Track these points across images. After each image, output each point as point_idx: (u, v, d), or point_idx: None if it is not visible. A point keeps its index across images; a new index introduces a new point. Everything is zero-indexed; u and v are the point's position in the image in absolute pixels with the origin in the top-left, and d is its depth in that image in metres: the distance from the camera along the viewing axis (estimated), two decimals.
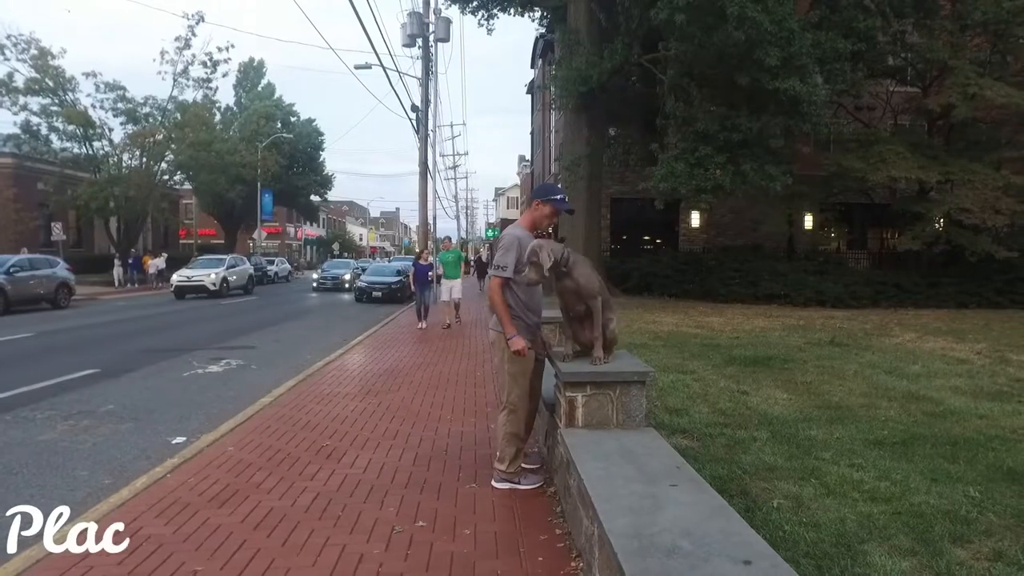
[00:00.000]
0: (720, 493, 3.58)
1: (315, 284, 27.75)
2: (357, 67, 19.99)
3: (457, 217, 60.15)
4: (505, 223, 50.10)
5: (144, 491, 4.09)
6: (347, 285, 26.84)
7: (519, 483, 3.94)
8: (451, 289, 12.88)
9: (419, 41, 20.10)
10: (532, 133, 41.93)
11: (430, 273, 13.18)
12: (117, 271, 28.18)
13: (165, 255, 30.61)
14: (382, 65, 17.76)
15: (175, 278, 23.11)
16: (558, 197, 3.97)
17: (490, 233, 64.40)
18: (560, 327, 4.28)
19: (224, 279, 23.26)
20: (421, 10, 20.07)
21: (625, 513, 2.32)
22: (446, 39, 20.89)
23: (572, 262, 3.66)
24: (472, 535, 3.33)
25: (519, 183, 65.22)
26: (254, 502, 3.88)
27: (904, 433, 4.78)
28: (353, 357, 9.49)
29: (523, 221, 4.07)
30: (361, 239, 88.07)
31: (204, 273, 22.93)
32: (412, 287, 13.30)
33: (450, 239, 15.48)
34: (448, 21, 20.85)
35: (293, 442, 5.14)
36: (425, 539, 3.30)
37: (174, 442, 5.45)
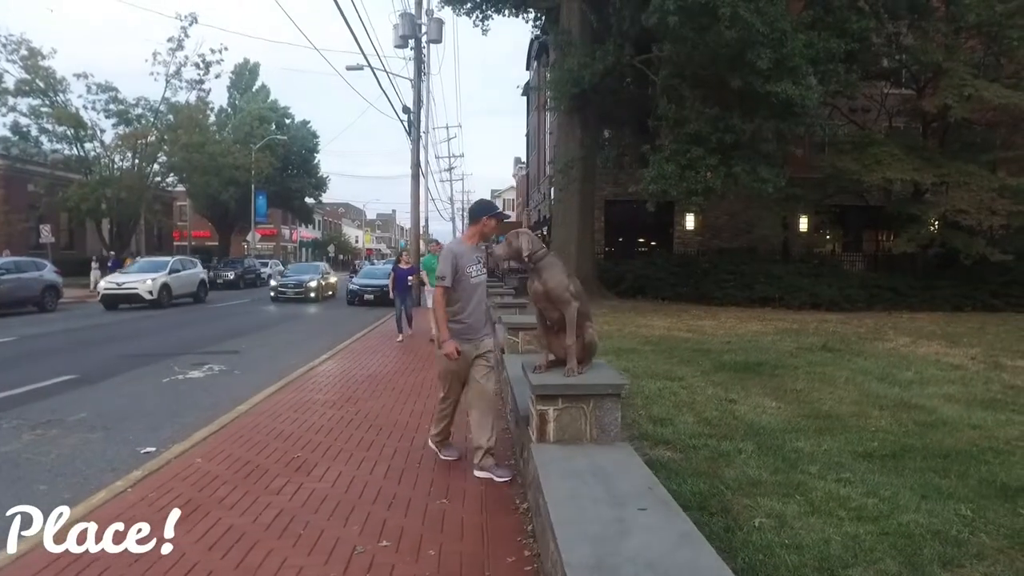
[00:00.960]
0: (700, 510, 3.43)
1: (272, 293, 22.52)
2: (349, 68, 19.86)
3: (452, 219, 59.99)
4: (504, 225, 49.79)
5: (100, 507, 3.91)
6: (313, 294, 22.19)
7: (442, 453, 4.68)
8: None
9: (411, 42, 19.99)
10: (528, 135, 41.81)
11: (410, 278, 11.87)
12: (95, 274, 26.89)
13: (138, 257, 28.76)
14: (370, 66, 17.60)
15: (102, 284, 19.22)
16: (499, 211, 4.52)
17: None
18: (536, 335, 4.11)
19: (164, 286, 19.55)
20: (413, 11, 19.97)
21: (587, 540, 2.15)
22: (438, 40, 20.82)
23: (543, 263, 3.50)
24: (437, 556, 3.16)
25: (515, 185, 65.15)
26: (214, 519, 3.70)
27: (894, 445, 4.62)
28: (337, 362, 9.31)
29: (469, 237, 4.50)
30: (357, 241, 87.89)
31: (138, 279, 19.10)
32: (391, 294, 11.92)
33: (438, 243, 13.60)
34: (440, 22, 20.77)
35: (264, 453, 4.96)
36: (386, 561, 3.13)
37: (142, 452, 5.26)
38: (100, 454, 5.27)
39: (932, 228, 18.34)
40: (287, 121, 46.62)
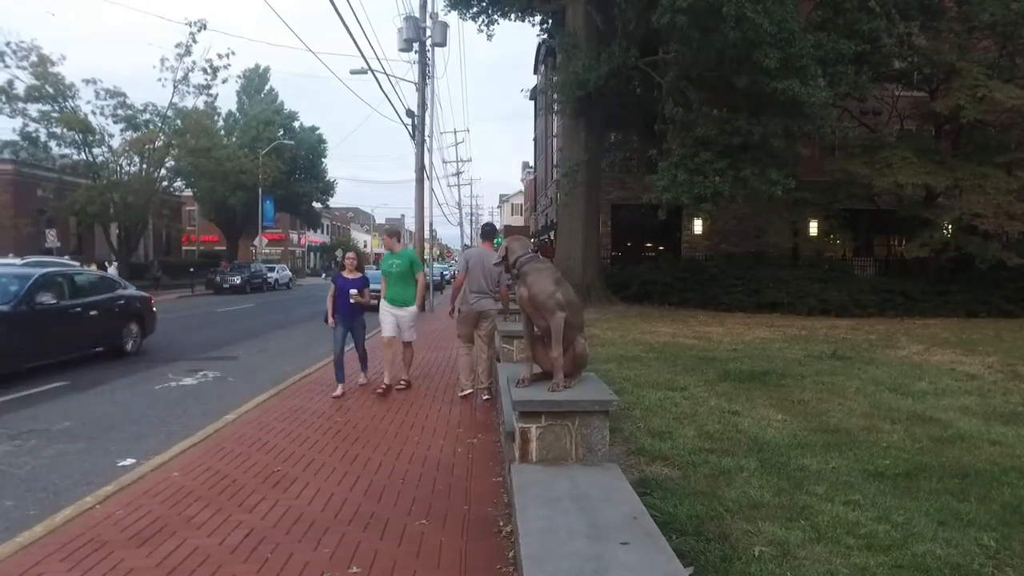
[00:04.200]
0: (696, 536, 3.17)
1: None
2: (352, 72, 19.73)
3: (460, 224, 59.90)
4: (509, 229, 49.87)
5: (64, 526, 3.71)
6: None
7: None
8: (397, 321, 7.24)
9: (415, 46, 19.87)
10: (535, 139, 41.66)
11: (353, 293, 7.21)
12: None
13: (116, 263, 26.70)
14: (372, 71, 17.47)
15: None
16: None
17: (495, 240, 64.07)
18: (524, 345, 3.87)
19: None
20: (417, 15, 19.85)
21: None
22: (443, 44, 20.66)
23: (526, 268, 3.29)
24: None
25: (523, 189, 65.01)
26: (179, 540, 3.49)
27: (908, 463, 4.32)
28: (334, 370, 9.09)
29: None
30: (365, 246, 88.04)
31: None
32: (329, 317, 7.30)
33: (398, 233, 8.09)
34: (445, 26, 20.62)
35: (244, 467, 4.75)
36: None
37: (120, 465, 5.08)
38: (78, 466, 5.09)
39: (945, 232, 17.91)
40: (294, 125, 46.74)
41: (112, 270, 24.69)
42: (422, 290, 7.35)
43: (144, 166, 30.46)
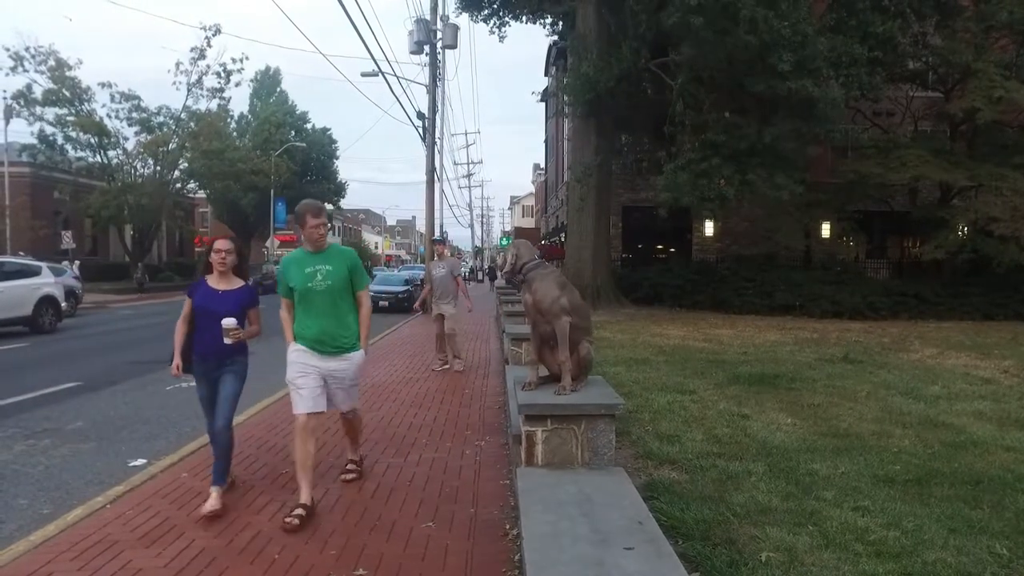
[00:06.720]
0: (703, 541, 3.16)
1: None
2: (364, 74, 19.83)
3: (471, 225, 60.02)
4: (519, 231, 49.92)
5: (74, 525, 3.75)
6: None
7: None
8: (327, 383, 4.05)
9: (426, 48, 19.95)
10: (546, 141, 41.66)
11: (230, 325, 3.99)
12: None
13: (77, 262, 24.71)
14: (381, 72, 17.56)
15: None
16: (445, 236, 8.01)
17: (504, 241, 64.47)
18: (530, 349, 3.88)
19: None
20: (428, 17, 19.93)
21: None
22: (454, 46, 20.73)
23: (532, 275, 3.28)
24: None
25: (534, 191, 65.05)
26: (187, 540, 3.52)
27: (919, 468, 4.27)
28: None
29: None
30: (377, 247, 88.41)
31: None
32: (176, 358, 4.22)
33: (322, 211, 3.90)
34: (456, 28, 20.69)
35: (252, 468, 4.79)
36: None
37: (131, 465, 5.13)
38: (90, 466, 5.15)
39: (961, 234, 17.69)
40: (306, 126, 47.03)
41: (73, 270, 21.82)
42: (367, 319, 4.15)
43: (158, 168, 30.84)
